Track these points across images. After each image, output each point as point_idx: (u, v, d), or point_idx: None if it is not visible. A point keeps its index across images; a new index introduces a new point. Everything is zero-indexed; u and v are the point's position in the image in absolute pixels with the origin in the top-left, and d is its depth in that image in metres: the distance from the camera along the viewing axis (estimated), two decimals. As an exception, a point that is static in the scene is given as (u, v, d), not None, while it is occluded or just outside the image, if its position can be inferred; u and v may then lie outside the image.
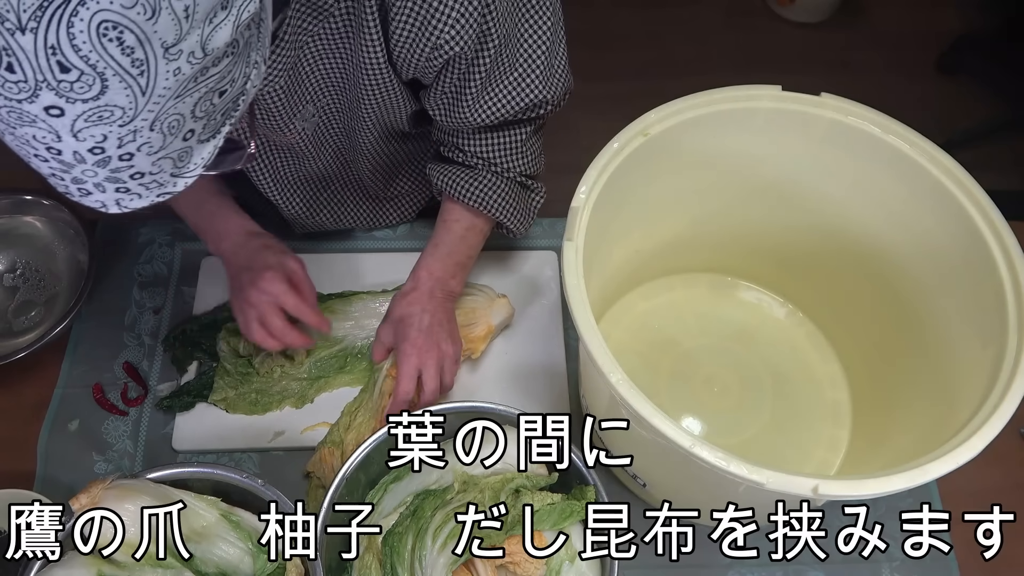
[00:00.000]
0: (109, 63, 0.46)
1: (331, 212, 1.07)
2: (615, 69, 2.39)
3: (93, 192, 0.54)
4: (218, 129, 0.57)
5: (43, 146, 0.50)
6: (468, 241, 0.95)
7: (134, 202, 0.57)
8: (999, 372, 0.69)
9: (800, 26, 2.55)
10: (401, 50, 0.78)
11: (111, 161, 0.52)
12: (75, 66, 0.45)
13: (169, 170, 0.56)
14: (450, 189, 0.92)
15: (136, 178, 0.54)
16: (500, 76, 0.83)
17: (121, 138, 0.50)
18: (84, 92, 0.47)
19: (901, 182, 0.82)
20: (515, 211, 0.94)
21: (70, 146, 0.50)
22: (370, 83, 0.83)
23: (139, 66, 0.47)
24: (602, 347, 0.68)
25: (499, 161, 0.91)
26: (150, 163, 0.53)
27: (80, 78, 0.46)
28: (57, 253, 1.08)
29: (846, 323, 1.01)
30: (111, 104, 0.48)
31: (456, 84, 0.83)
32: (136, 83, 0.47)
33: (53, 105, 0.47)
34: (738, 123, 0.84)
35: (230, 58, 0.53)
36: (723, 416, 0.99)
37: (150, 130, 0.51)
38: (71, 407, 0.99)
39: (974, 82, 2.42)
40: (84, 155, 0.51)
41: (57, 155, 0.51)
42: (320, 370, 0.99)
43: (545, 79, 0.84)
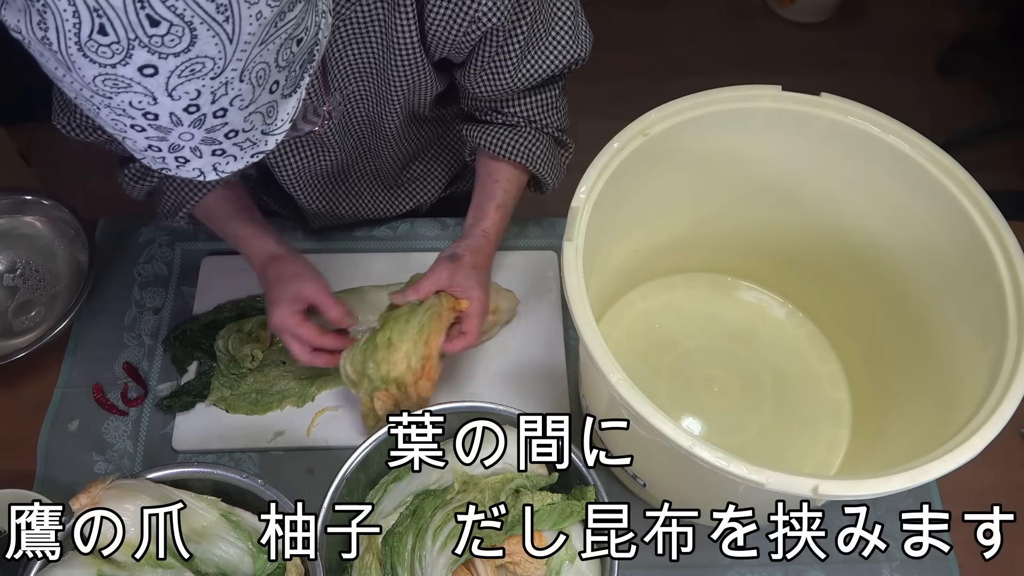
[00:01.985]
0: (196, 11, 0.47)
1: (349, 204, 1.07)
2: (615, 69, 2.39)
3: (191, 159, 0.56)
4: (298, 82, 0.59)
5: (140, 112, 0.51)
6: (514, 196, 0.98)
7: (230, 164, 0.58)
8: (999, 372, 0.69)
9: (800, 26, 2.55)
10: (438, 27, 0.79)
11: (206, 120, 0.53)
12: (164, 18, 0.46)
13: (260, 127, 0.57)
14: (497, 148, 0.94)
15: (231, 137, 0.56)
16: (537, 41, 0.85)
17: (214, 92, 0.51)
18: (175, 45, 0.48)
19: (901, 182, 0.82)
20: (553, 166, 0.98)
21: (166, 107, 0.51)
22: (402, 64, 0.84)
23: (224, 11, 0.48)
24: (602, 347, 0.68)
25: (538, 119, 0.94)
26: (242, 119, 0.55)
27: (170, 30, 0.47)
28: (57, 253, 1.08)
29: (846, 323, 1.01)
30: (202, 55, 0.49)
31: (495, 55, 0.84)
32: (223, 30, 0.49)
33: (147, 64, 0.48)
34: (738, 123, 0.84)
35: (302, 3, 0.54)
36: (723, 416, 0.99)
37: (240, 81, 0.52)
38: (71, 407, 0.99)
39: (974, 82, 2.43)
40: (180, 115, 0.52)
41: (154, 120, 0.52)
42: (320, 368, 0.99)
43: (577, 38, 0.87)
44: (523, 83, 0.88)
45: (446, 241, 1.11)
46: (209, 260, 1.08)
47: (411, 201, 1.13)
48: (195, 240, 1.11)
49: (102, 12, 0.45)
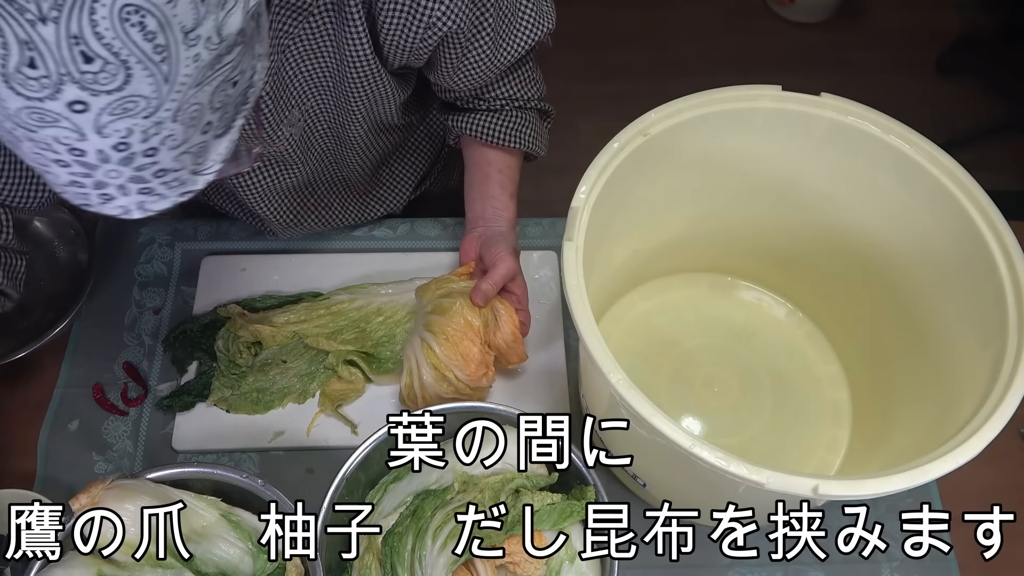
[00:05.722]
0: (132, 50, 0.45)
1: (317, 215, 1.06)
2: (615, 69, 2.39)
3: (116, 197, 0.54)
4: (231, 123, 0.57)
5: (65, 148, 0.49)
6: (518, 180, 1.00)
7: (157, 204, 0.56)
8: (999, 372, 0.69)
9: (800, 26, 2.55)
10: (392, 37, 0.79)
11: (135, 158, 0.51)
12: (99, 55, 0.45)
13: (190, 166, 0.55)
14: (488, 135, 0.95)
15: (159, 176, 0.53)
16: (506, 28, 0.85)
17: (146, 131, 0.50)
18: (108, 83, 0.46)
19: (901, 182, 0.82)
20: (542, 139, 1.00)
21: (94, 144, 0.49)
22: (358, 77, 0.83)
23: (161, 52, 0.46)
24: (602, 347, 0.68)
25: (520, 96, 0.95)
26: (172, 158, 0.53)
27: (104, 68, 0.45)
28: (57, 253, 1.08)
29: (846, 323, 1.01)
30: (135, 94, 0.47)
31: (466, 53, 0.84)
32: (159, 70, 0.47)
33: (77, 100, 0.46)
34: (738, 123, 0.84)
35: (240, 47, 0.53)
36: (723, 416, 0.99)
37: (173, 121, 0.50)
38: (71, 407, 0.99)
39: (974, 82, 2.43)
40: (108, 153, 0.50)
41: (80, 156, 0.50)
42: (319, 368, 0.99)
43: (542, 12, 0.87)
44: (498, 70, 0.89)
45: (446, 241, 1.11)
46: (209, 260, 1.08)
47: (382, 207, 1.12)
48: (195, 240, 1.11)
49: (33, 46, 0.43)
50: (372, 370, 0.98)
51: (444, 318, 0.89)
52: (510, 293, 0.94)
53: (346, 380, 0.98)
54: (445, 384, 0.89)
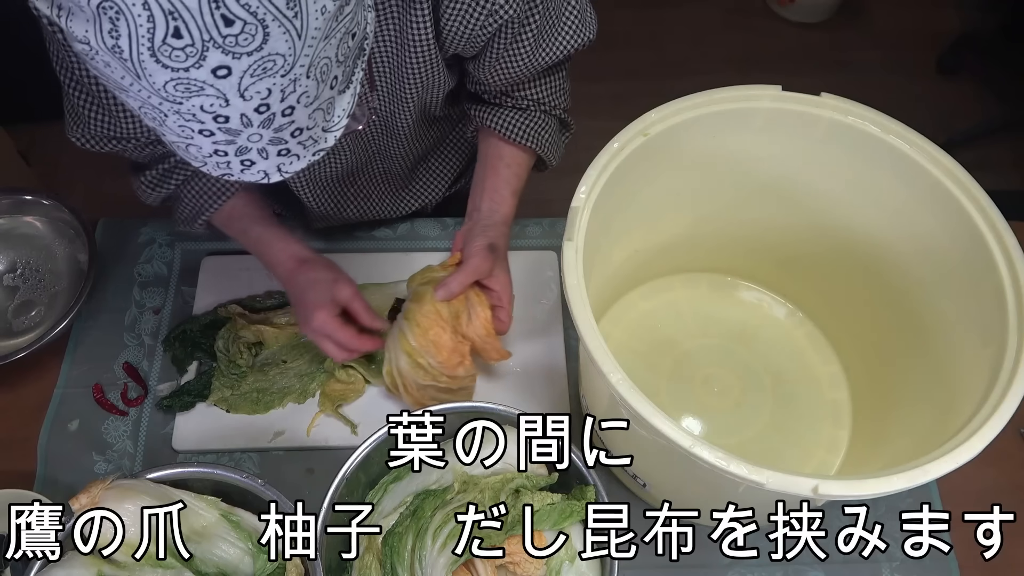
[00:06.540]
0: (268, 8, 0.47)
1: (357, 206, 1.07)
2: (615, 69, 2.39)
3: (257, 161, 0.56)
4: (351, 76, 0.59)
5: (210, 115, 0.51)
6: (525, 180, 1.00)
7: (294, 164, 0.58)
8: (999, 372, 0.69)
9: (800, 26, 2.55)
10: (454, 23, 0.79)
11: (275, 119, 0.53)
12: (238, 16, 0.46)
13: (321, 123, 0.58)
14: (508, 131, 0.95)
15: (296, 135, 0.56)
16: (550, 28, 0.86)
17: (284, 90, 0.52)
18: (248, 44, 0.48)
19: (901, 182, 0.82)
20: (558, 148, 1.00)
21: (237, 108, 0.51)
22: (417, 62, 0.84)
23: (293, 7, 0.48)
24: (602, 347, 0.68)
25: (547, 101, 0.96)
26: (307, 115, 0.55)
27: (244, 29, 0.47)
28: (57, 253, 1.08)
29: (846, 323, 1.01)
30: (273, 53, 0.49)
31: (509, 46, 0.85)
32: (292, 26, 0.49)
33: (220, 65, 0.48)
34: (738, 123, 0.84)
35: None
36: (723, 416, 0.99)
37: (307, 77, 0.52)
38: (71, 407, 0.99)
39: (974, 82, 2.42)
40: (251, 116, 0.52)
41: (224, 123, 0.52)
42: (319, 367, 0.99)
43: (585, 21, 0.88)
44: (535, 70, 0.89)
45: (446, 241, 1.11)
46: (209, 260, 1.08)
47: (417, 201, 1.13)
48: (195, 240, 1.11)
49: (177, 15, 0.45)
50: (370, 372, 0.98)
51: (417, 305, 0.90)
52: (489, 290, 0.93)
53: (345, 381, 0.98)
54: (421, 372, 0.89)
